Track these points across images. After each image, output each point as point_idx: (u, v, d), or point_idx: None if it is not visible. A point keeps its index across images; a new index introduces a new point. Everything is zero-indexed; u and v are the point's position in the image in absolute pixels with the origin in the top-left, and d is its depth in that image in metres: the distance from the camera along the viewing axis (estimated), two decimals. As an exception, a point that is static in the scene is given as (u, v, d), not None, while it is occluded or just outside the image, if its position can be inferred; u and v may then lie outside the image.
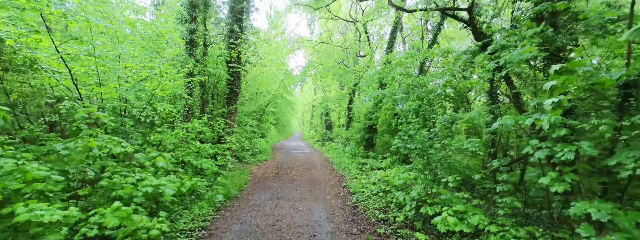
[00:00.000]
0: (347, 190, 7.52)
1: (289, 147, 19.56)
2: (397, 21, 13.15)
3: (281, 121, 30.11)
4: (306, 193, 7.07)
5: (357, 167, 10.27)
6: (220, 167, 8.55)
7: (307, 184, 8.13)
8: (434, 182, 4.98)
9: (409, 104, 6.26)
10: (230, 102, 10.23)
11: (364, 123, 12.42)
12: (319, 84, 29.45)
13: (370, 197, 6.51)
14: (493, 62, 4.53)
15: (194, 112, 7.85)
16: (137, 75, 5.41)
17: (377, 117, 10.99)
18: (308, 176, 9.25)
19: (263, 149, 15.03)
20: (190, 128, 6.73)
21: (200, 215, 4.77)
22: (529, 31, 4.24)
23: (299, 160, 12.86)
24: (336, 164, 11.77)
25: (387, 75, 9.43)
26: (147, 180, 3.81)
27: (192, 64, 7.43)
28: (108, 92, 4.57)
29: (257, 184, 7.87)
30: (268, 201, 6.19)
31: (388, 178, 6.05)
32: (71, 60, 3.97)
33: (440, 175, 5.19)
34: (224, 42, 9.78)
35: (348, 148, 13.58)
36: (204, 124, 7.04)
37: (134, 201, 3.71)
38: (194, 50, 7.98)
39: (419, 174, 4.91)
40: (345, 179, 9.05)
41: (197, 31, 7.98)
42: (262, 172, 9.65)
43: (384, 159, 10.01)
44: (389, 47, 13.33)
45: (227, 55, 9.44)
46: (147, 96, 5.62)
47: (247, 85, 13.65)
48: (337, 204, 6.23)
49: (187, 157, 6.26)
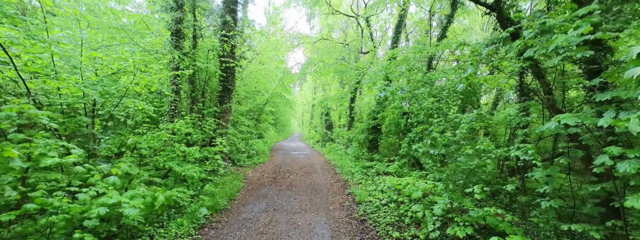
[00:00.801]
0: (352, 198, 6.70)
1: (288, 148, 18.74)
2: (403, 14, 12.32)
3: (280, 121, 29.31)
4: (306, 202, 6.25)
5: (362, 171, 9.45)
6: (211, 172, 7.73)
7: (307, 190, 7.31)
8: (459, 194, 4.16)
9: (430, 100, 5.43)
10: (224, 100, 9.39)
11: (367, 123, 11.60)
12: (319, 82, 28.64)
13: (380, 208, 5.68)
14: (533, 49, 3.71)
15: (181, 111, 7.02)
16: (108, 68, 4.58)
17: (383, 116, 10.16)
18: (308, 181, 8.43)
19: (260, 151, 14.20)
20: (174, 129, 5.90)
21: (177, 236, 3.95)
22: (582, 10, 3.41)
23: (299, 163, 12.04)
24: (338, 167, 10.95)
25: (395, 70, 8.61)
26: (105, 197, 3.00)
27: (178, 57, 6.59)
28: (67, 86, 3.74)
29: (251, 191, 7.05)
30: (262, 214, 5.36)
31: (400, 186, 5.22)
32: (11, 45, 3.15)
33: (463, 184, 4.38)
34: (216, 35, 8.95)
35: (350, 150, 12.76)
36: (189, 124, 6.21)
37: (87, 225, 2.89)
38: (181, 42, 7.14)
39: (442, 184, 4.09)
40: (349, 184, 8.24)
41: (185, 21, 7.14)
42: (258, 177, 8.82)
43: (391, 163, 9.19)
44: (394, 42, 12.49)
45: (219, 48, 8.61)
46: (121, 92, 4.78)
47: (242, 82, 12.82)
48: (341, 216, 5.41)
49: (170, 163, 5.43)
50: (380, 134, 11.86)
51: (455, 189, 4.36)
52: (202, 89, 8.64)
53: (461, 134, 3.79)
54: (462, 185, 4.17)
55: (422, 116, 7.17)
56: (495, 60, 5.69)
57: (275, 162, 12.29)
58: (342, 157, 12.78)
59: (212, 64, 8.42)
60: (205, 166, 6.70)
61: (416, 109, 7.46)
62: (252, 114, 15.43)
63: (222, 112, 9.36)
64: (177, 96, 6.97)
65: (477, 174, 4.25)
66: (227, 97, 9.47)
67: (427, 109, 7.05)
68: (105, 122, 4.79)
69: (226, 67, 8.97)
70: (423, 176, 6.55)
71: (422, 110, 5.44)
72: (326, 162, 12.62)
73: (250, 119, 14.96)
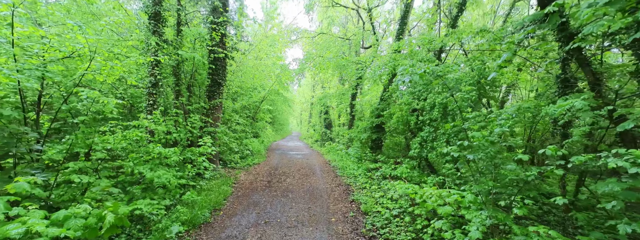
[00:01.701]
0: (357, 207, 5.82)
1: (286, 148, 17.84)
2: (409, 4, 11.42)
3: (278, 120, 28.44)
4: (304, 212, 5.36)
5: (365, 174, 8.57)
6: (197, 176, 6.83)
7: (305, 197, 6.42)
8: (495, 208, 3.28)
9: (468, 88, 4.50)
10: (213, 95, 8.47)
11: (370, 121, 10.71)
12: (317, 80, 27.75)
13: (391, 221, 4.80)
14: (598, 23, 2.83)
15: (160, 107, 6.11)
16: (53, 50, 3.66)
17: (390, 113, 9.26)
18: (306, 185, 7.55)
19: (256, 150, 13.30)
20: (150, 126, 4.98)
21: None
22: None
23: (296, 164, 11.15)
24: (339, 169, 10.07)
25: (403, 62, 7.72)
26: (16, 223, 2.10)
27: (155, 43, 5.67)
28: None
29: (240, 198, 6.15)
30: (250, 229, 4.46)
31: (416, 196, 4.33)
32: None
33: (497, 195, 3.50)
34: (205, 24, 8.01)
35: (352, 150, 11.87)
36: (170, 122, 5.30)
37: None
38: (161, 27, 6.20)
39: (480, 197, 3.20)
40: (352, 189, 7.36)
41: (165, 1, 6.20)
42: (251, 180, 7.92)
43: (398, 165, 8.32)
44: (399, 34, 11.60)
45: (207, 37, 7.68)
46: (72, 81, 3.86)
47: (234, 76, 11.88)
48: (346, 232, 4.52)
49: (141, 167, 4.52)
50: (384, 133, 10.98)
51: (487, 200, 3.48)
52: (187, 82, 7.71)
53: (502, 132, 2.90)
54: (496, 197, 3.29)
55: (436, 113, 6.29)
56: (525, 46, 4.81)
57: (271, 163, 11.40)
58: (343, 157, 11.90)
59: (200, 54, 7.50)
60: (187, 170, 5.79)
61: (428, 105, 6.58)
62: (247, 112, 14.52)
63: (212, 109, 8.44)
64: (154, 89, 6.05)
65: (537, 186, 3.37)
66: (217, 92, 8.54)
67: (441, 105, 6.17)
68: (63, 118, 3.87)
69: (215, 58, 8.05)
70: (440, 182, 5.67)
71: (454, 103, 4.51)
72: (326, 163, 11.74)
73: (246, 117, 14.05)
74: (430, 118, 6.48)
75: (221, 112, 8.90)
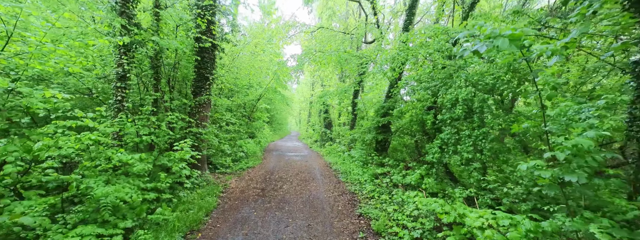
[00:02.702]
0: (366, 224, 4.83)
1: (284, 149, 16.85)
2: (418, -8, 10.39)
3: (276, 119, 27.44)
4: (303, 233, 4.36)
5: (372, 180, 7.58)
6: (177, 185, 5.81)
7: (304, 210, 5.43)
8: None
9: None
10: (200, 91, 7.43)
11: (376, 121, 9.70)
12: (317, 77, 26.68)
13: (412, 246, 3.82)
14: None
15: (128, 104, 5.09)
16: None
17: (400, 111, 8.26)
18: (306, 194, 6.56)
19: (251, 152, 12.29)
20: (95, 126, 3.95)
21: None
22: None
23: (294, 167, 10.15)
24: (342, 173, 9.09)
25: (417, 54, 6.74)
26: None
27: (119, 25, 4.64)
28: None
29: (227, 213, 5.14)
30: (234, 260, 3.47)
31: (447, 217, 3.35)
32: None
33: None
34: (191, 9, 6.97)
35: (355, 152, 10.86)
36: (122, 121, 4.30)
37: None
38: (130, 8, 5.17)
39: (550, 223, 2.21)
40: (358, 198, 6.38)
41: (135, -22, 5.17)
42: (242, 188, 6.92)
43: (409, 170, 7.33)
44: (407, 25, 10.58)
45: (191, 23, 6.66)
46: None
47: (229, 73, 10.86)
48: (356, 262, 3.53)
49: (91, 180, 3.51)
50: (391, 134, 9.99)
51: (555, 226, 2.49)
52: (167, 75, 6.69)
53: (599, 136, 1.92)
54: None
55: (459, 111, 5.30)
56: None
57: (267, 166, 10.40)
58: (345, 160, 10.90)
59: (182, 43, 6.47)
60: (162, 179, 4.77)
61: (449, 101, 5.58)
62: (243, 111, 13.50)
63: (198, 106, 7.41)
64: (122, 82, 5.02)
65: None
66: (204, 88, 7.50)
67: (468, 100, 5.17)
68: None
69: (201, 48, 7.02)
70: (468, 196, 4.67)
71: (482, 102, 3.52)
72: (326, 166, 10.75)
73: (241, 116, 13.03)
74: (451, 117, 5.48)
75: (209, 110, 7.87)
